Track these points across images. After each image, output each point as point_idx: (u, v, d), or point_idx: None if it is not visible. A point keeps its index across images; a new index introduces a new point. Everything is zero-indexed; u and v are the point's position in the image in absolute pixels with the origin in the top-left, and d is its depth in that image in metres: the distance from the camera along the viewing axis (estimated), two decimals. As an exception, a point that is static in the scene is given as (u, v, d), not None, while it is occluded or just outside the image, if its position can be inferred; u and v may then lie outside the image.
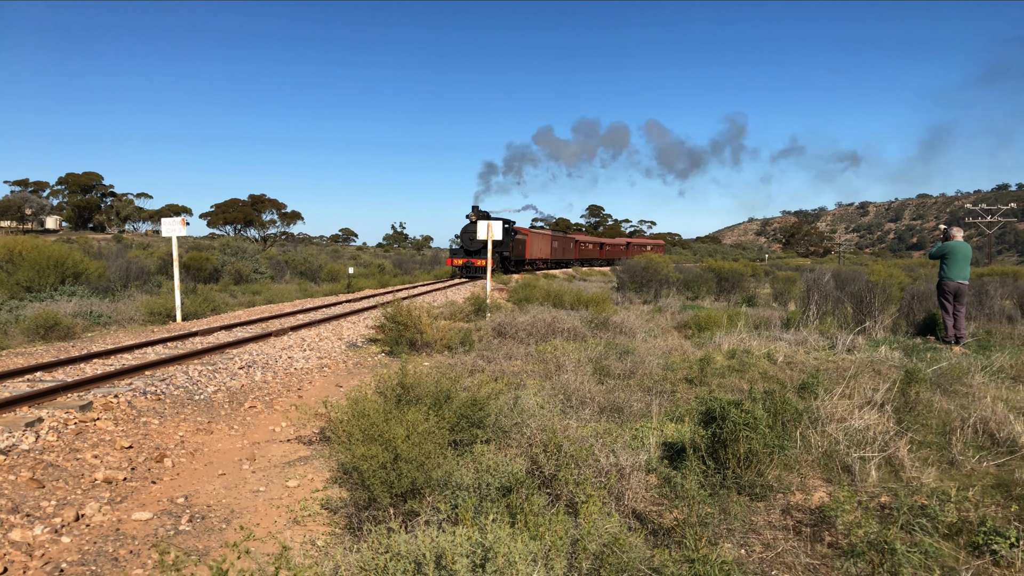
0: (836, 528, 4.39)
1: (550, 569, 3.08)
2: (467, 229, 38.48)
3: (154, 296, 18.75)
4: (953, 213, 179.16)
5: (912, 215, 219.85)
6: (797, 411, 5.89)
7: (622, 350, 9.68)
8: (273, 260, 37.89)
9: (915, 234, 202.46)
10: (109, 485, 5.53)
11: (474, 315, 16.11)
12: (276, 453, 6.52)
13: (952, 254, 11.29)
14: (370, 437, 4.63)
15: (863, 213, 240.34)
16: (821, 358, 9.59)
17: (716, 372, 8.79)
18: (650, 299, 22.02)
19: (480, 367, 9.22)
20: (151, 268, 26.25)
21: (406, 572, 2.79)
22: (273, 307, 19.66)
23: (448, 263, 39.53)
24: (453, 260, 38.61)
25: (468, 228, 38.45)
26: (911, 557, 3.75)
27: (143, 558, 4.28)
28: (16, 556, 4.23)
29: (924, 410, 6.57)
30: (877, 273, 21.67)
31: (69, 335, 12.86)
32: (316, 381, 9.82)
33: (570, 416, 6.43)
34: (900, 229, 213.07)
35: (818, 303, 14.41)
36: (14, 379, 8.54)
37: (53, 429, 6.41)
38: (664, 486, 5.00)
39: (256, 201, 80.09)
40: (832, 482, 5.21)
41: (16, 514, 4.81)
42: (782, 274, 32.82)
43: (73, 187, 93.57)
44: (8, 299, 16.72)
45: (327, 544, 4.37)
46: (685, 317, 14.85)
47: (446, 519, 3.73)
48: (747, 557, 4.14)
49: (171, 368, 9.58)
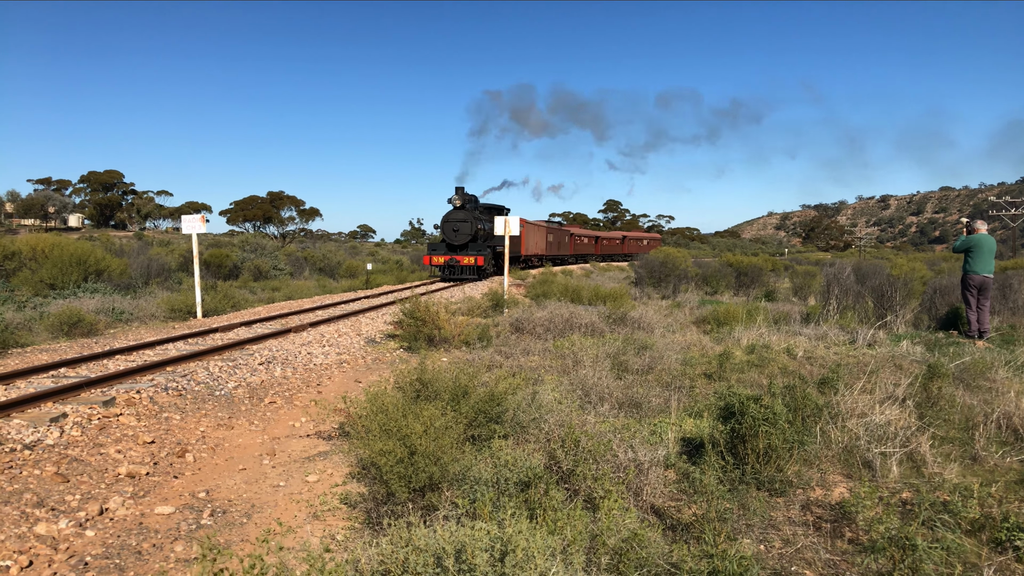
0: (856, 524, 4.36)
1: (569, 564, 3.08)
2: (450, 218, 30.82)
3: (175, 293, 18.93)
4: (976, 206, 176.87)
5: (935, 208, 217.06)
6: (817, 406, 5.85)
7: (640, 345, 9.66)
8: (292, 257, 37.99)
9: (938, 227, 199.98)
10: (132, 479, 5.60)
11: (491, 311, 16.12)
12: (296, 448, 6.57)
13: (977, 247, 11.15)
14: (388, 432, 4.65)
15: (884, 206, 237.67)
16: (841, 353, 9.51)
17: (735, 367, 8.75)
18: (668, 294, 21.93)
19: (498, 362, 9.23)
20: (172, 265, 26.48)
21: (426, 566, 2.80)
22: (292, 303, 19.78)
23: (425, 261, 31.49)
24: (431, 258, 30.57)
25: (451, 216, 30.82)
26: (933, 553, 3.72)
27: (166, 551, 4.33)
28: (41, 549, 4.29)
29: (947, 405, 6.50)
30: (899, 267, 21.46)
31: (92, 331, 13.02)
32: (335, 377, 9.87)
33: (588, 411, 6.43)
34: (922, 222, 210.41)
35: (838, 297, 14.29)
36: (39, 375, 8.66)
37: (77, 424, 6.49)
38: (683, 481, 4.99)
39: (275, 198, 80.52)
40: (852, 478, 5.17)
41: (41, 508, 4.88)
42: (802, 268, 32.53)
43: (95, 185, 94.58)
44: (32, 296, 16.95)
45: (347, 539, 4.40)
46: (704, 312, 14.78)
47: (464, 514, 3.75)
48: (766, 553, 4.12)
49: (192, 364, 9.68)
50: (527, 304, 16.96)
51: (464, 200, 31.09)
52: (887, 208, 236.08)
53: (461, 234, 30.50)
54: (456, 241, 30.46)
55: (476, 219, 31.13)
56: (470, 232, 30.51)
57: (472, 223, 30.62)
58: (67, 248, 19.88)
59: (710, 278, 25.13)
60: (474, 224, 30.69)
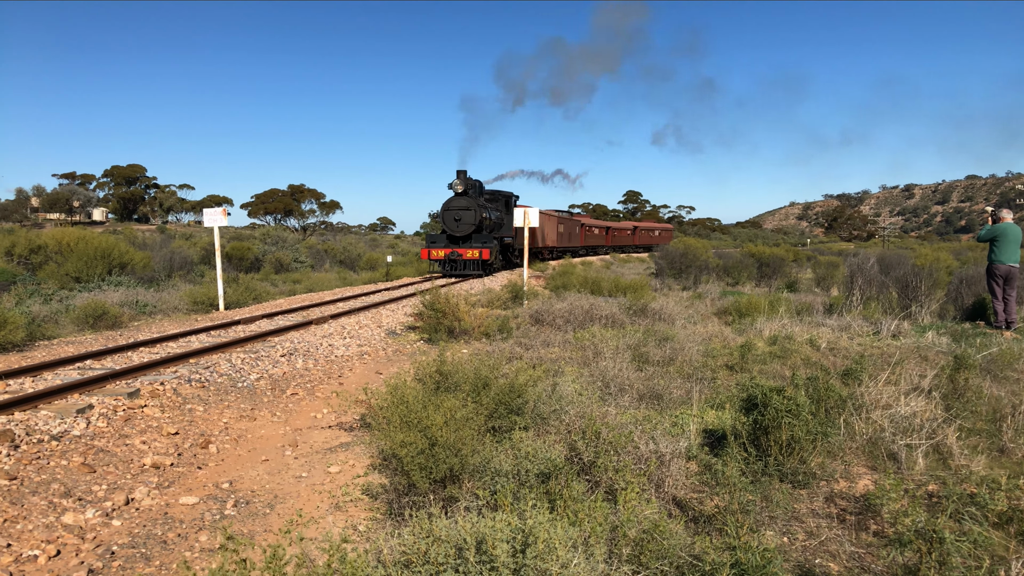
0: (882, 516, 4.32)
1: (590, 555, 3.07)
2: (450, 205, 27.12)
3: (197, 285, 19.10)
4: (1003, 195, 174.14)
5: (960, 197, 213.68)
6: (841, 398, 5.79)
7: (661, 337, 9.61)
8: (313, 249, 38.20)
9: (963, 217, 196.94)
10: (157, 470, 5.67)
11: (511, 302, 16.11)
12: (318, 439, 6.61)
13: (1003, 236, 10.98)
14: (409, 424, 4.66)
15: (908, 196, 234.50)
16: (865, 344, 9.41)
17: (757, 358, 8.68)
18: (689, 285, 21.81)
19: (518, 354, 9.22)
20: (194, 258, 26.73)
21: (447, 557, 2.80)
22: (313, 295, 19.90)
23: (423, 256, 27.71)
24: (430, 252, 27.02)
25: (452, 204, 27.09)
26: (960, 546, 3.67)
27: (191, 541, 4.38)
28: (69, 539, 4.35)
29: (973, 397, 6.41)
30: (923, 257, 21.19)
31: (116, 324, 13.18)
32: (356, 368, 9.92)
33: (609, 403, 6.40)
34: (948, 212, 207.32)
35: (862, 288, 14.13)
36: (65, 367, 8.78)
37: (103, 415, 6.58)
38: (705, 473, 4.96)
39: (296, 191, 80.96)
40: (877, 470, 5.12)
41: (68, 498, 4.95)
42: (824, 259, 32.17)
43: (118, 179, 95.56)
44: (58, 289, 17.18)
45: (369, 529, 4.43)
46: (725, 303, 14.68)
47: (485, 505, 3.75)
48: (790, 545, 4.09)
49: (215, 356, 9.76)
50: (546, 296, 16.94)
51: (467, 185, 27.21)
52: (911, 197, 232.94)
53: (463, 224, 26.81)
54: (458, 232, 26.80)
55: (481, 207, 27.39)
56: (474, 221, 26.79)
57: (476, 211, 26.82)
58: (92, 242, 20.13)
59: (731, 269, 24.96)
60: (478, 212, 26.87)
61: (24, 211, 73.43)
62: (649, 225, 77.61)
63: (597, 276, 19.83)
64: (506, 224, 30.16)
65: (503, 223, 30.11)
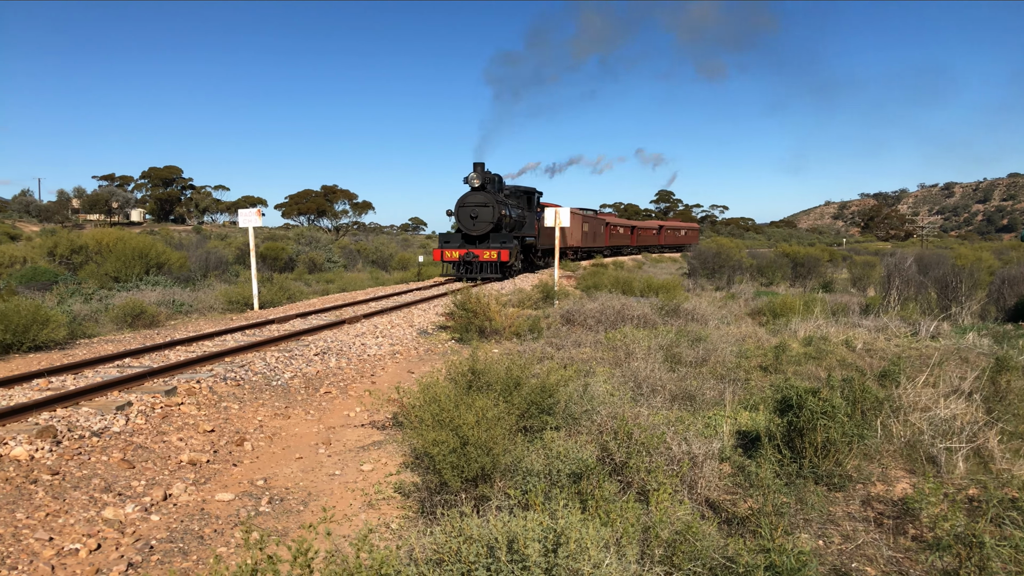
0: (920, 521, 4.24)
1: (622, 555, 3.06)
2: (466, 201, 24.68)
3: (232, 285, 19.37)
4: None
5: (1002, 195, 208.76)
6: (877, 399, 5.69)
7: (694, 337, 9.53)
8: (345, 249, 38.51)
9: (1006, 215, 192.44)
10: (193, 467, 5.76)
11: (542, 302, 16.10)
12: (351, 438, 6.66)
13: (1046, 236, 10.71)
14: (440, 423, 4.68)
15: (948, 194, 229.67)
16: (903, 345, 9.24)
17: (792, 359, 8.57)
18: (722, 285, 21.60)
19: (549, 354, 9.21)
20: (229, 258, 27.09)
21: (479, 556, 2.81)
22: (346, 295, 20.07)
23: (435, 257, 25.33)
24: (443, 252, 24.68)
25: (468, 200, 24.64)
26: (1001, 551, 3.59)
27: (227, 537, 4.44)
28: (109, 533, 4.44)
29: (1016, 399, 6.26)
30: (964, 257, 20.76)
31: (154, 323, 13.42)
32: (388, 367, 9.99)
33: (641, 404, 6.36)
34: (989, 210, 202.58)
35: (899, 288, 13.89)
36: (105, 365, 8.96)
37: (141, 412, 6.70)
38: (738, 475, 4.90)
39: (328, 192, 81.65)
40: (916, 473, 5.02)
41: (109, 493, 5.05)
42: (860, 259, 31.70)
43: (155, 181, 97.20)
44: (98, 288, 17.53)
45: (401, 527, 4.45)
46: (759, 303, 14.52)
47: (517, 504, 3.75)
48: (825, 548, 4.03)
49: (249, 355, 9.90)
50: (577, 296, 16.90)
51: (484, 179, 24.69)
52: (951, 196, 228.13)
53: (480, 222, 24.28)
54: (474, 231, 24.33)
55: (500, 203, 24.99)
56: (491, 219, 24.33)
57: (494, 208, 24.39)
58: (130, 242, 20.49)
59: (765, 269, 24.70)
60: (496, 209, 24.44)
61: (65, 212, 75.01)
62: (675, 224, 76.99)
63: (629, 276, 19.74)
64: (528, 222, 27.84)
65: (524, 221, 27.72)
